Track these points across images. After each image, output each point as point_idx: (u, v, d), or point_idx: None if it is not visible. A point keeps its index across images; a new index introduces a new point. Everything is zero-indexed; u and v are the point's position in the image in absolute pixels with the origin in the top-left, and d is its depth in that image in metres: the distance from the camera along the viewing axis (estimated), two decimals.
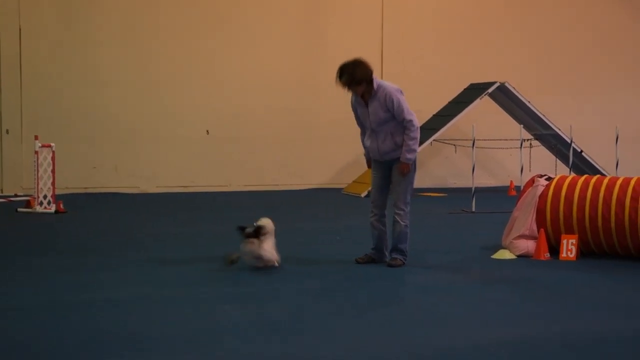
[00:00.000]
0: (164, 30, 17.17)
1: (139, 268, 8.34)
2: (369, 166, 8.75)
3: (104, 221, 12.46)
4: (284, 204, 15.10)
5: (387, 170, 8.49)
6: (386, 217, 8.61)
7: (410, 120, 8.24)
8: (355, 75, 8.20)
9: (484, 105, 17.27)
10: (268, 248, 7.67)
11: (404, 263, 8.44)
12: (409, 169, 8.33)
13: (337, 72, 8.31)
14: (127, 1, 16.98)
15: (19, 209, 13.40)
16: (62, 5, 16.69)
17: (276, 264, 7.87)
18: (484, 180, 17.54)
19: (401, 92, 8.37)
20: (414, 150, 8.29)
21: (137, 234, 10.88)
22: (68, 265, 8.53)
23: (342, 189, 17.43)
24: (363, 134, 8.66)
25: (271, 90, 17.76)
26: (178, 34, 17.23)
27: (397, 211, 8.41)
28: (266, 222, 7.81)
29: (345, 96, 18.30)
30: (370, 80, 8.26)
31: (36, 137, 13.42)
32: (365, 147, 8.63)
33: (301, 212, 14.01)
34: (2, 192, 16.02)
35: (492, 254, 9.14)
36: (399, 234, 8.44)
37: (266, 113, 17.67)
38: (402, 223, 8.40)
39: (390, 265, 8.39)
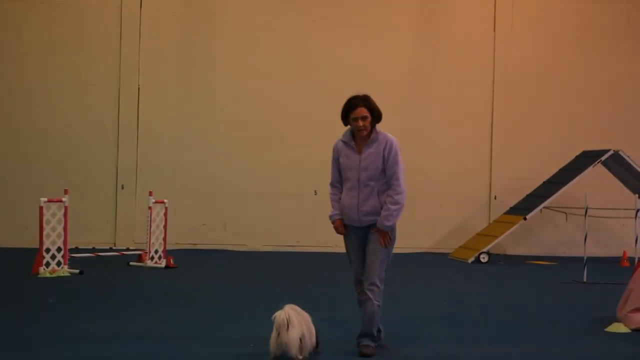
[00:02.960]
0: (274, 92, 17.53)
1: (234, 326, 8.39)
2: (338, 230, 7.35)
3: (211, 278, 12.63)
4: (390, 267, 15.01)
5: (365, 238, 7.29)
6: None
7: (399, 180, 7.19)
8: (372, 104, 7.13)
9: (596, 173, 16.90)
10: (285, 341, 6.64)
11: (374, 351, 7.14)
12: (389, 238, 7.24)
13: (348, 100, 7.16)
14: (242, 66, 17.45)
15: (131, 263, 13.73)
16: (180, 66, 17.28)
17: (298, 357, 6.72)
18: (595, 250, 17.07)
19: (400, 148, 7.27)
20: (395, 217, 7.21)
21: (241, 292, 10.98)
22: (168, 319, 8.67)
23: (448, 254, 17.24)
24: (337, 189, 7.35)
25: None
26: (287, 98, 17.56)
27: (370, 287, 7.12)
28: (279, 314, 6.70)
29: (451, 159, 18.26)
30: (377, 120, 7.21)
31: (150, 193, 13.78)
32: (334, 206, 7.36)
33: (407, 276, 13.89)
34: (115, 246, 16.46)
35: (606, 327, 8.83)
36: (370, 316, 7.13)
37: None
38: (375, 302, 7.10)
39: (363, 355, 7.08)
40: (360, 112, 7.08)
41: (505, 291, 12.20)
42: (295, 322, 6.66)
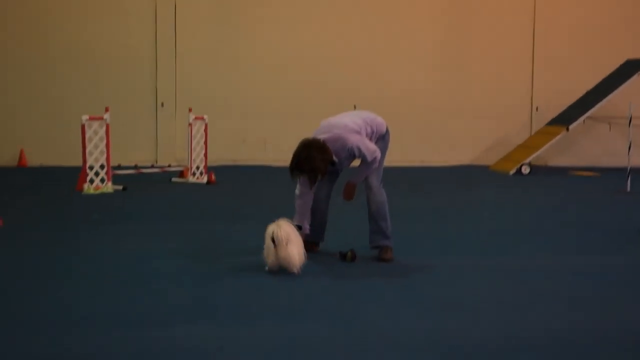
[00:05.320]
0: (314, 13, 17.35)
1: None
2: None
3: (252, 193, 12.73)
4: (429, 180, 15.02)
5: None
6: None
7: (373, 161, 7.19)
8: (319, 170, 7.10)
9: None
10: (285, 256, 6.74)
11: (392, 254, 7.39)
12: (354, 194, 7.39)
13: (295, 165, 7.14)
14: None
15: (173, 179, 13.87)
16: None
17: (294, 270, 6.78)
18: (639, 159, 16.87)
19: (357, 131, 7.25)
20: (363, 177, 7.31)
21: (280, 206, 11.04)
22: (209, 233, 8.77)
23: (489, 166, 17.16)
24: (305, 200, 7.46)
25: (416, 67, 17.68)
26: (325, 17, 17.38)
27: (368, 189, 7.39)
28: (277, 230, 6.74)
29: (492, 71, 18.00)
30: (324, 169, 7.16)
31: (190, 110, 13.83)
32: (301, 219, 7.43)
33: (448, 189, 13.89)
34: (157, 163, 16.62)
35: None
36: (375, 210, 7.37)
37: (411, 89, 17.59)
38: (376, 199, 7.37)
39: (383, 260, 7.33)
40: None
41: (546, 202, 12.15)
42: (294, 238, 6.75)
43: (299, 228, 7.23)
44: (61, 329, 5.13)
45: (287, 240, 6.69)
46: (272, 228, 6.75)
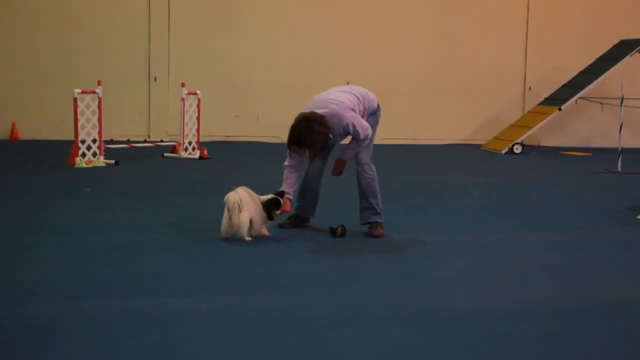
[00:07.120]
0: None
1: None
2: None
3: (244, 169, 12.74)
4: (420, 158, 15.05)
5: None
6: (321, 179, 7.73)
7: (364, 138, 7.22)
8: (318, 143, 7.13)
9: (634, 62, 16.60)
10: (236, 222, 6.93)
11: (383, 230, 7.43)
12: (342, 169, 7.40)
13: (293, 139, 7.14)
14: None
15: (165, 154, 13.86)
16: None
17: (246, 238, 7.01)
18: (631, 140, 16.93)
19: (352, 108, 7.27)
20: (353, 154, 7.37)
21: (273, 181, 11.06)
22: (201, 208, 8.79)
23: (481, 145, 17.19)
24: (293, 169, 7.46)
25: (409, 44, 17.64)
26: None
27: (358, 166, 7.46)
28: (231, 196, 6.96)
29: (485, 49, 17.97)
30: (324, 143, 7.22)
31: (183, 85, 13.81)
32: (289, 184, 7.47)
33: (439, 167, 13.92)
34: (149, 138, 16.59)
35: (638, 215, 8.85)
36: (365, 188, 7.42)
37: (404, 66, 17.56)
38: (365, 175, 7.40)
39: (372, 236, 7.35)
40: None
41: (538, 181, 12.20)
42: (246, 205, 6.93)
43: (282, 195, 7.29)
44: (45, 297, 5.18)
45: (240, 206, 6.88)
46: (229, 195, 6.96)
